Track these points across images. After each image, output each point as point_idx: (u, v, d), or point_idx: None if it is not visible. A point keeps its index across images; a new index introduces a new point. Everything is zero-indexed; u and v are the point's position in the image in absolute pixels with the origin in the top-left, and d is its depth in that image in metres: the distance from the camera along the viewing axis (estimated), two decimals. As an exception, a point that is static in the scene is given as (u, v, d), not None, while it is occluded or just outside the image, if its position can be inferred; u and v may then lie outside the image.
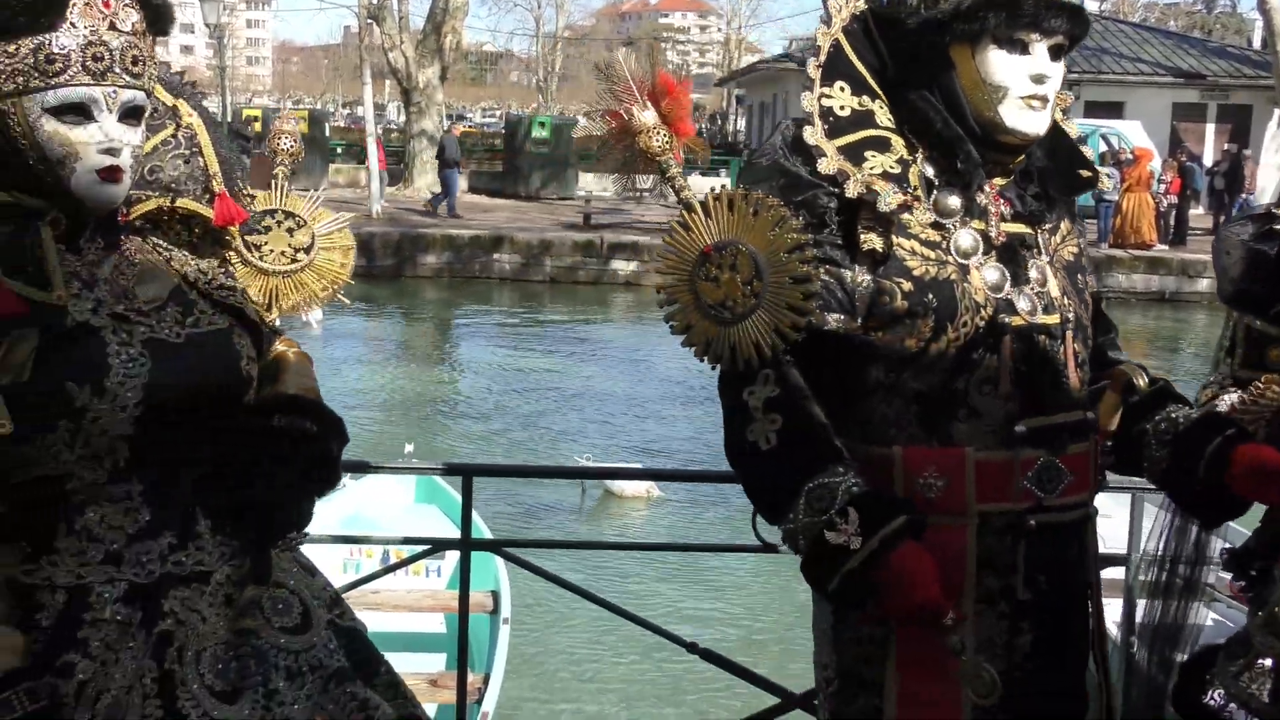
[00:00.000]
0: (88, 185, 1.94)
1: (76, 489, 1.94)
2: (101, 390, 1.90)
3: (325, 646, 2.14)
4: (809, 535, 2.17)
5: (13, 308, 1.89)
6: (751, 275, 2.18)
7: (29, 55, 1.88)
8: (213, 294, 2.12)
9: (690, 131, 2.40)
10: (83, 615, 1.93)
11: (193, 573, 2.02)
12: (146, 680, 1.95)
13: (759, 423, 2.22)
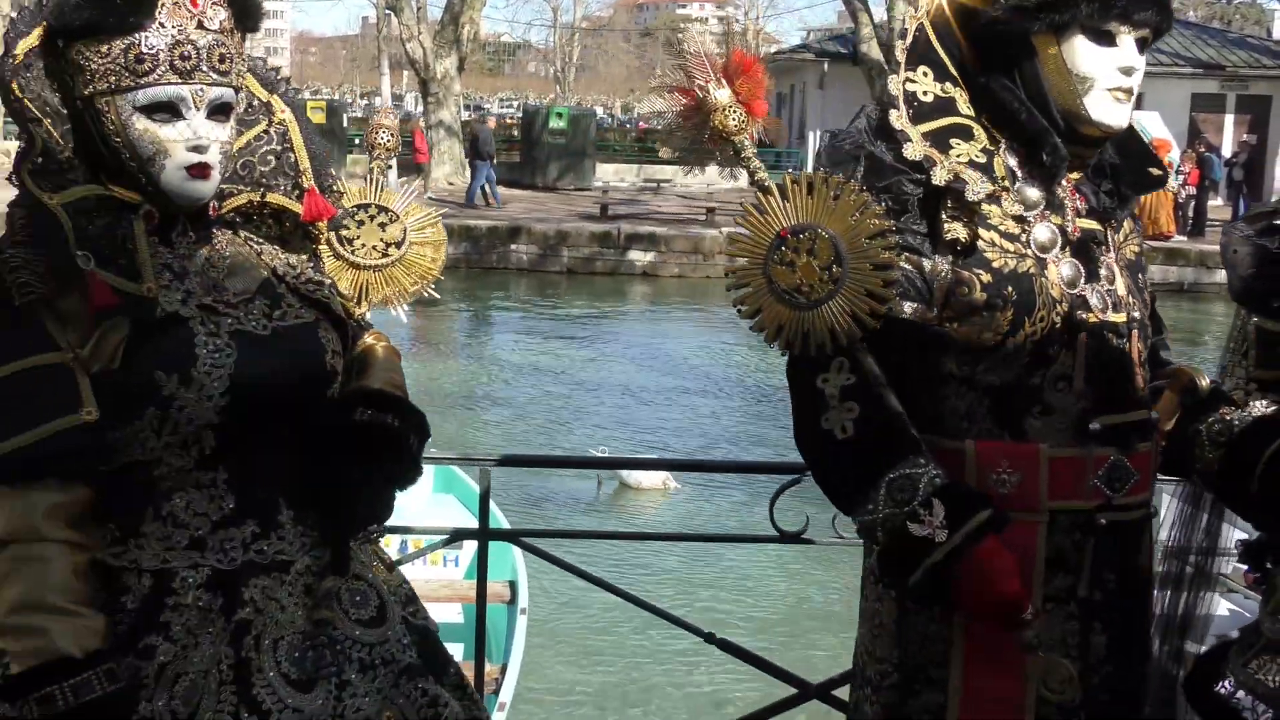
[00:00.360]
0: (177, 182, 1.99)
1: (164, 475, 2.00)
2: (188, 380, 1.95)
3: (399, 641, 2.16)
4: (890, 527, 2.14)
5: (106, 299, 1.94)
6: (830, 260, 2.14)
7: (120, 55, 1.93)
8: (300, 288, 2.16)
9: (764, 111, 2.34)
10: (166, 599, 1.98)
11: (274, 561, 2.06)
12: (223, 666, 1.99)
13: (835, 411, 2.18)
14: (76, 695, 1.85)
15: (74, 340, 1.95)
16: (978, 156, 2.27)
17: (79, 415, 1.91)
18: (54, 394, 1.92)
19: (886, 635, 2.35)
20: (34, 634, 1.86)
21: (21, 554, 1.89)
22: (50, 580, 1.89)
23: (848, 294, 2.13)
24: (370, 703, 2.07)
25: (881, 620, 2.36)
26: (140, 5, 1.92)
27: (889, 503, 2.14)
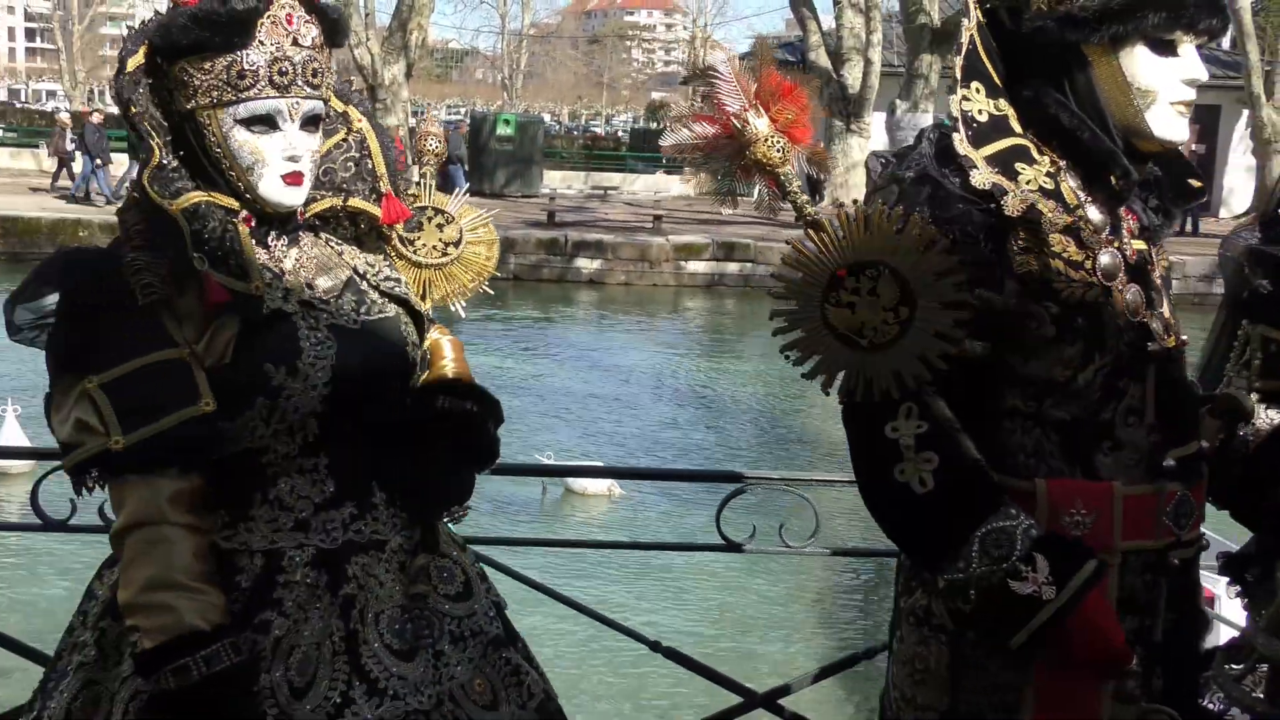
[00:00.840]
0: (274, 189, 2.14)
1: (271, 462, 2.16)
2: (295, 371, 2.11)
3: (485, 614, 2.34)
4: (987, 585, 1.99)
5: (220, 297, 2.09)
6: (896, 300, 1.99)
7: (222, 71, 2.08)
8: (380, 285, 2.32)
9: (808, 138, 2.20)
10: (277, 577, 2.14)
11: (370, 540, 2.22)
12: (335, 638, 2.14)
13: (910, 463, 2.02)
14: (208, 665, 1.97)
15: (190, 337, 2.09)
16: (1045, 182, 2.10)
17: (199, 406, 2.05)
18: (175, 387, 2.06)
19: (935, 682, 2.20)
20: (164, 611, 1.99)
21: (148, 537, 2.03)
22: (176, 561, 2.02)
23: (916, 336, 1.99)
24: (463, 671, 2.24)
25: (929, 666, 2.20)
26: (243, 26, 2.06)
27: (984, 560, 1.99)
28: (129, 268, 2.07)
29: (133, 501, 2.04)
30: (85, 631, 2.20)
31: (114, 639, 2.14)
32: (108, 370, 2.04)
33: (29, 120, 44.97)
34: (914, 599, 2.24)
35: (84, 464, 2.05)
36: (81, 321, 2.08)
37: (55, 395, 2.10)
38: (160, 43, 2.09)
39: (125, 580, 2.03)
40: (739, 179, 2.21)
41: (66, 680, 2.16)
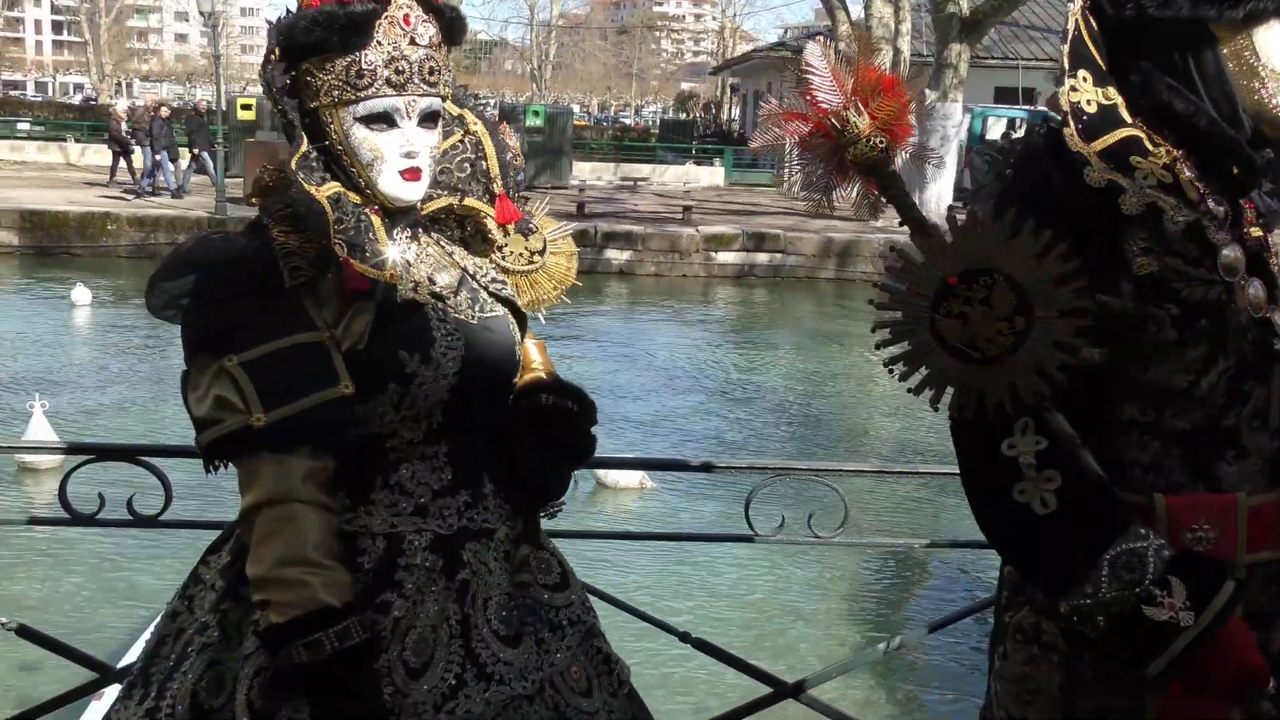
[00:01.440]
0: (393, 184, 2.20)
1: (395, 447, 2.21)
2: (428, 359, 2.17)
3: (582, 604, 2.43)
4: (1118, 610, 1.88)
5: (360, 283, 2.14)
6: (1012, 310, 1.86)
7: (342, 71, 2.15)
8: (488, 286, 2.37)
9: (909, 136, 2.05)
10: (398, 560, 2.19)
11: (481, 529, 2.27)
12: (452, 621, 2.19)
13: (1032, 482, 1.91)
14: (340, 641, 2.02)
15: (329, 320, 2.14)
16: (1163, 175, 1.95)
17: (338, 389, 2.10)
18: (315, 369, 2.11)
19: (1045, 703, 2.10)
20: (298, 586, 2.04)
21: (281, 514, 2.07)
22: (308, 537, 2.06)
23: (1034, 347, 1.86)
24: (562, 658, 2.31)
25: (1039, 686, 2.10)
26: (361, 27, 2.13)
27: (1115, 584, 1.88)
28: (278, 250, 2.12)
29: (266, 479, 2.08)
30: (201, 615, 2.23)
31: (236, 620, 2.19)
32: (249, 350, 2.09)
33: (56, 113, 45.30)
34: (1020, 615, 2.14)
35: (220, 440, 2.09)
36: (223, 302, 2.13)
37: (192, 373, 2.13)
38: (286, 44, 2.16)
39: (257, 556, 2.07)
40: (835, 179, 2.07)
41: (189, 662, 2.19)
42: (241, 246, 2.18)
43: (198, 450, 2.13)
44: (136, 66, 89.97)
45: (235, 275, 2.14)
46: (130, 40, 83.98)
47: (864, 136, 2.00)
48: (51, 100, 61.18)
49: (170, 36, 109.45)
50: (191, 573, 2.33)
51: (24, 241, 22.28)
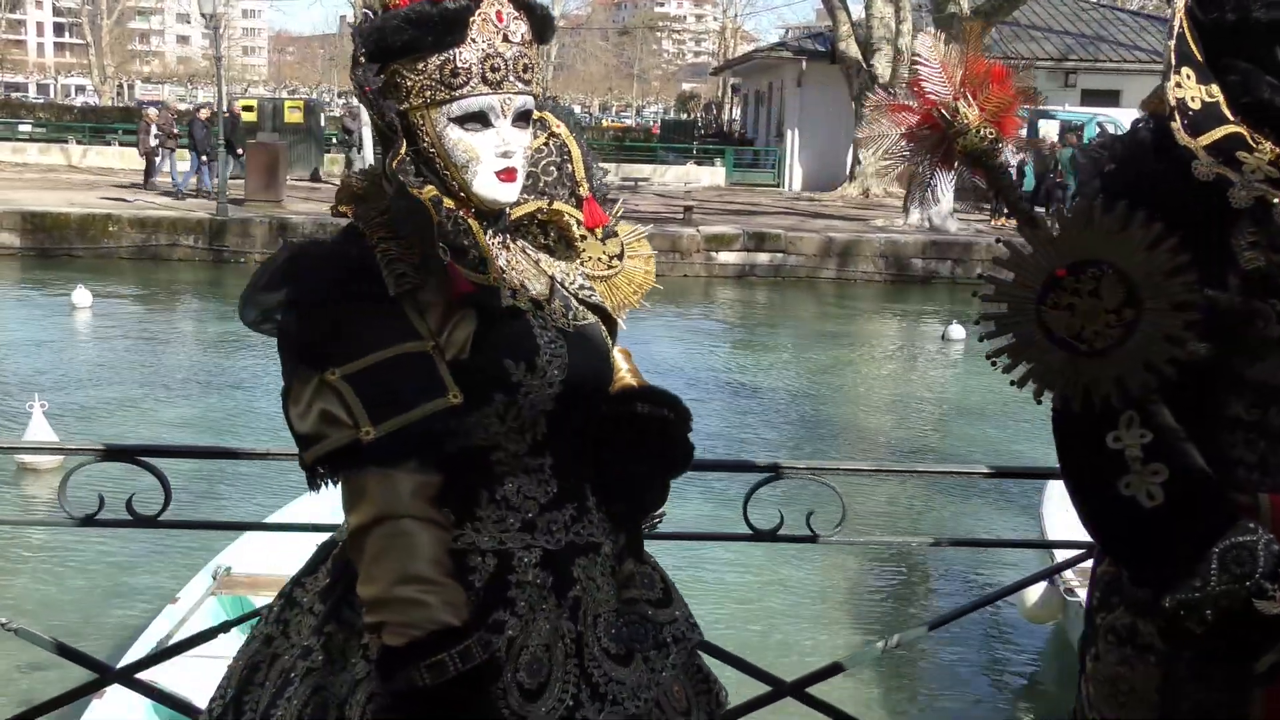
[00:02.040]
0: (488, 186, 2.12)
1: (501, 460, 2.13)
2: (534, 367, 2.09)
3: (686, 620, 2.32)
4: (1227, 604, 1.86)
5: (465, 287, 2.07)
6: (1121, 302, 1.85)
7: (435, 71, 2.07)
8: (578, 293, 2.29)
9: (1015, 130, 2.06)
10: (509, 577, 2.11)
11: (588, 543, 2.20)
12: (566, 640, 2.12)
13: (1137, 475, 1.90)
14: (463, 661, 1.95)
15: (433, 329, 2.06)
16: (1271, 170, 1.92)
17: (446, 400, 2.02)
18: (421, 380, 2.02)
19: (1141, 704, 2.07)
20: (415, 605, 1.95)
21: (392, 531, 1.99)
22: (422, 555, 1.99)
23: (1142, 340, 1.85)
24: (668, 678, 2.23)
25: (1134, 687, 2.08)
26: (455, 25, 2.06)
27: (1224, 577, 1.86)
28: (380, 257, 2.05)
29: (374, 495, 2.00)
30: (301, 639, 2.16)
31: (340, 644, 2.11)
32: (352, 362, 2.00)
33: (58, 115, 45.34)
34: (1114, 616, 2.11)
35: (326, 457, 2.00)
36: (323, 312, 2.04)
37: (293, 387, 2.05)
38: (375, 46, 2.08)
39: (368, 576, 1.99)
40: (940, 170, 2.08)
41: (293, 689, 2.12)
42: (339, 256, 2.09)
43: (301, 466, 2.05)
44: (138, 68, 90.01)
45: (334, 285, 2.05)
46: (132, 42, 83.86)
47: (973, 127, 2.02)
48: (53, 102, 61.16)
49: (172, 38, 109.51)
50: (285, 596, 2.25)
51: (25, 243, 22.31)
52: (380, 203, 2.11)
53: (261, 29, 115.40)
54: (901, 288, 22.95)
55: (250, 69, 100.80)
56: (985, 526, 10.27)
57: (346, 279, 2.05)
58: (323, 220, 23.07)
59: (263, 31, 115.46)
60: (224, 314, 19.85)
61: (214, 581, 6.76)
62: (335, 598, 2.15)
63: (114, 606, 8.18)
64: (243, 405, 13.76)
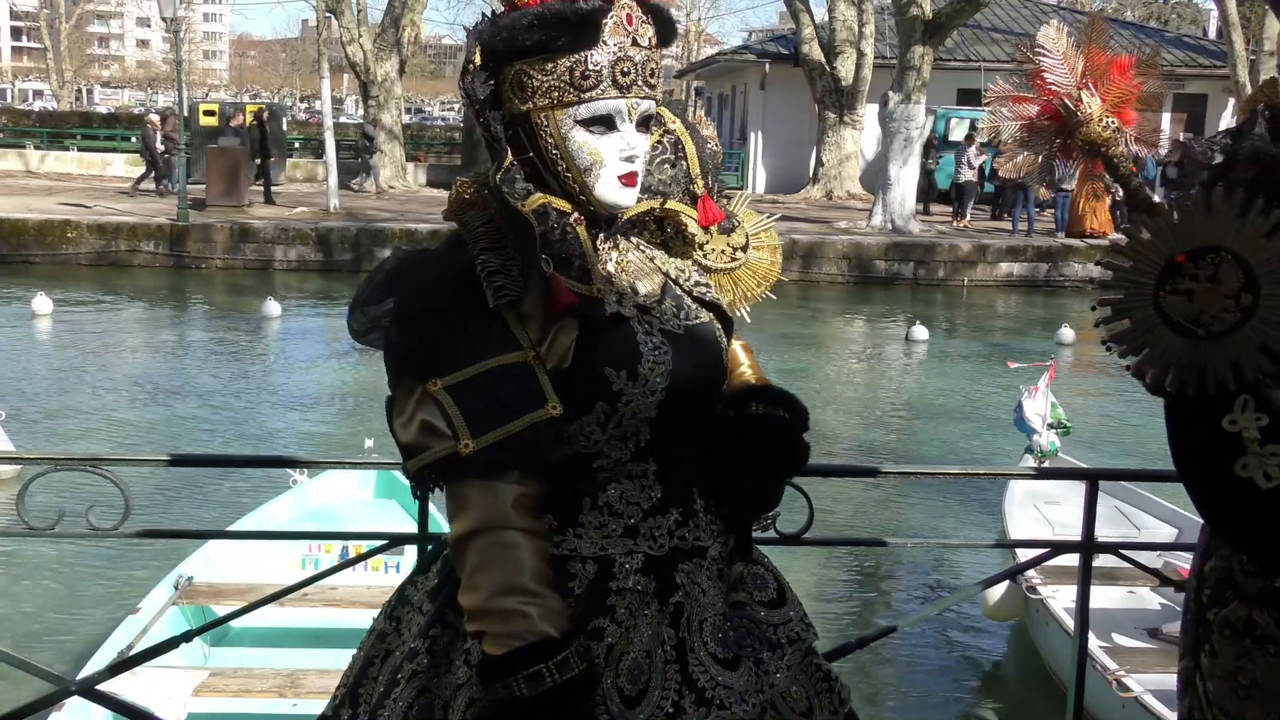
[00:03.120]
0: (610, 190, 2.11)
1: (603, 467, 2.12)
2: (635, 375, 2.07)
3: (801, 620, 2.31)
4: None
5: (568, 299, 2.06)
6: (1239, 287, 1.87)
7: (565, 73, 2.05)
8: (692, 290, 2.27)
9: (1134, 120, 2.13)
10: (609, 584, 2.10)
11: (693, 548, 2.18)
12: (667, 646, 2.10)
13: (1255, 456, 1.90)
14: (560, 672, 1.95)
15: (533, 339, 2.05)
16: None
17: (545, 411, 2.01)
18: (522, 391, 2.02)
19: (1264, 697, 2.08)
20: (515, 617, 1.96)
21: (494, 541, 1.99)
22: (524, 565, 1.98)
23: (1259, 324, 1.86)
24: (782, 679, 2.22)
25: (1255, 680, 2.09)
26: (590, 26, 2.03)
27: None
28: (482, 269, 2.03)
29: (476, 506, 2.00)
30: (409, 639, 2.18)
31: (444, 647, 2.13)
32: (453, 373, 2.01)
33: (15, 120, 44.96)
34: (1228, 610, 2.12)
35: (428, 467, 2.01)
36: (426, 323, 2.05)
37: (397, 399, 2.06)
38: (501, 45, 2.05)
39: (470, 585, 1.99)
40: (1059, 159, 2.16)
41: (399, 689, 2.13)
42: (443, 265, 2.09)
43: (405, 475, 2.06)
44: (97, 73, 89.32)
45: (437, 296, 2.05)
46: (91, 46, 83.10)
47: (1094, 118, 2.09)
48: (10, 107, 60.60)
49: (131, 42, 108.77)
50: (398, 592, 2.28)
51: (-17, 250, 22.09)
52: (485, 211, 2.10)
53: (222, 33, 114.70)
54: (865, 289, 23.04)
55: (211, 73, 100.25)
56: (949, 526, 10.32)
57: (449, 289, 2.04)
58: (284, 224, 23.02)
59: (223, 35, 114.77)
60: (185, 320, 19.76)
61: (176, 591, 6.72)
62: (441, 600, 2.15)
63: (74, 617, 8.10)
64: (205, 412, 13.66)
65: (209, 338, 18.24)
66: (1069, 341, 18.11)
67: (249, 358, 16.97)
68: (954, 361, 17.86)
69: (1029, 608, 7.69)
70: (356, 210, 25.66)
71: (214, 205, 24.82)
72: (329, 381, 15.62)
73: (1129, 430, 13.99)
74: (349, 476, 8.49)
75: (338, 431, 13.13)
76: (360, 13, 31.68)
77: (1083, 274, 23.36)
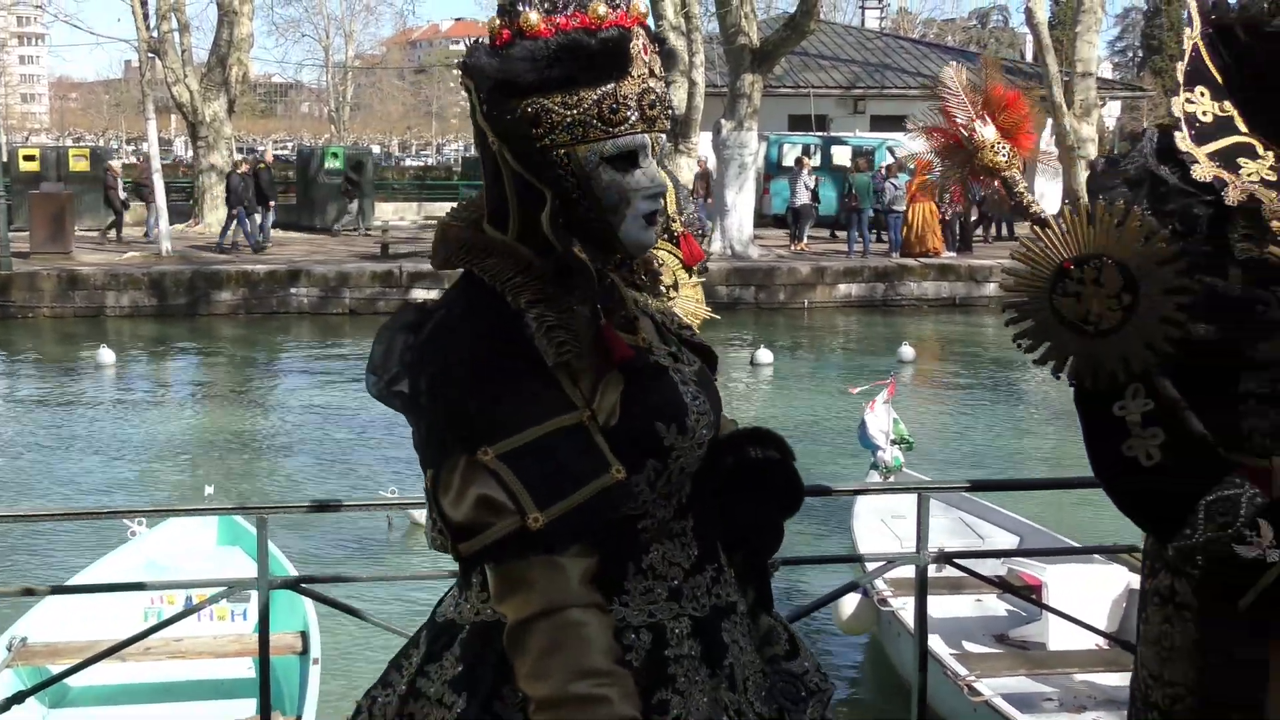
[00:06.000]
0: (635, 230, 1.94)
1: (648, 528, 1.97)
2: (684, 428, 1.95)
3: (817, 670, 2.21)
4: (1213, 550, 2.12)
5: (627, 352, 1.92)
6: (1120, 288, 2.15)
7: (591, 106, 1.87)
8: (680, 334, 2.15)
9: (1031, 146, 2.38)
10: (664, 652, 1.95)
11: (727, 604, 2.06)
12: (730, 713, 1.98)
13: (1138, 438, 2.18)
14: None
15: (585, 397, 1.88)
16: (1268, 175, 2.24)
17: (611, 475, 1.85)
18: (583, 455, 1.85)
19: (1180, 659, 2.28)
20: (596, 702, 1.78)
21: (562, 623, 1.81)
22: (596, 645, 1.81)
23: (1141, 321, 2.14)
24: None
25: (1174, 644, 2.29)
26: (619, 57, 1.87)
27: (1210, 526, 2.13)
28: (537, 324, 1.85)
29: (540, 584, 1.81)
30: None
31: None
32: (507, 439, 1.81)
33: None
34: (1159, 580, 2.33)
35: (492, 547, 1.81)
36: (470, 386, 1.85)
37: (442, 475, 1.84)
38: (521, 79, 1.85)
39: (539, 672, 1.80)
40: (971, 182, 2.38)
41: None
42: (480, 321, 1.90)
43: (456, 558, 1.86)
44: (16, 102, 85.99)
45: (478, 355, 1.86)
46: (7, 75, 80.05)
47: (990, 144, 2.32)
48: None
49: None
50: (405, 689, 2.03)
51: None
52: (513, 258, 1.92)
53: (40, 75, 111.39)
54: (708, 315, 23.22)
55: (31, 117, 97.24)
56: (800, 544, 10.44)
57: (490, 347, 1.87)
58: (115, 270, 22.36)
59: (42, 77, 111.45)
60: (14, 372, 19.06)
61: (9, 653, 6.47)
62: (484, 694, 1.93)
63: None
64: (39, 466, 13.19)
65: (40, 389, 17.63)
66: (909, 359, 18.52)
67: (83, 407, 16.44)
68: (799, 382, 18.13)
69: (881, 620, 7.81)
70: (190, 254, 25.07)
71: (38, 253, 24.01)
72: (167, 429, 15.22)
73: (971, 444, 14.34)
74: (191, 525, 8.28)
75: (177, 479, 12.78)
76: (185, 52, 31.02)
77: (918, 293, 23.95)
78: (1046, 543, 8.06)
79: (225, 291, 22.51)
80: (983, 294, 23.50)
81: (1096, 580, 7.22)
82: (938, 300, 24.02)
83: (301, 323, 22.33)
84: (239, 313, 22.40)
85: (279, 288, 22.68)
